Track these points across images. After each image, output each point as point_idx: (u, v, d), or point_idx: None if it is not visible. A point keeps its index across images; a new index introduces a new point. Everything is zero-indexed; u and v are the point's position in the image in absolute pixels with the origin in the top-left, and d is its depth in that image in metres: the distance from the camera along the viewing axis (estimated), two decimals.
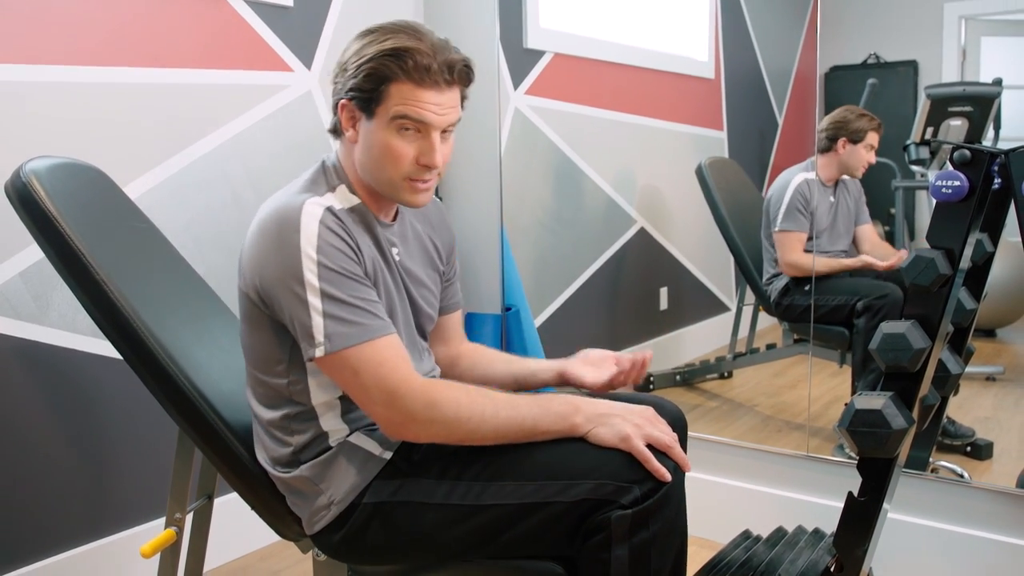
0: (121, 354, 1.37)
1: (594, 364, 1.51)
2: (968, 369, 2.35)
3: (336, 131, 1.34)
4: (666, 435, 1.25)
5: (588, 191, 2.87)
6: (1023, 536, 1.89)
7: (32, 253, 1.79)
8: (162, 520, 1.50)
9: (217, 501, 1.62)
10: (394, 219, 1.40)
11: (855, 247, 2.53)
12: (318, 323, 1.20)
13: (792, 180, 2.50)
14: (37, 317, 1.82)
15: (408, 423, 1.22)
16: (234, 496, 1.45)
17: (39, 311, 1.82)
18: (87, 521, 1.93)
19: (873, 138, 2.40)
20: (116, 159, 1.90)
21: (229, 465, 1.38)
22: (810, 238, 2.48)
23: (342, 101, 1.28)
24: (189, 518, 1.52)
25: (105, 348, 1.88)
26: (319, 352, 1.20)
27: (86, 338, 1.89)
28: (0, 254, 1.76)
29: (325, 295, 1.20)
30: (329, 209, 1.24)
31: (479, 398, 1.24)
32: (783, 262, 2.52)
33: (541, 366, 1.53)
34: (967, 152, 1.39)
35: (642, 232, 2.91)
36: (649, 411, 1.27)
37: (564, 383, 1.51)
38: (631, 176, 2.94)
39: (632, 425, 1.23)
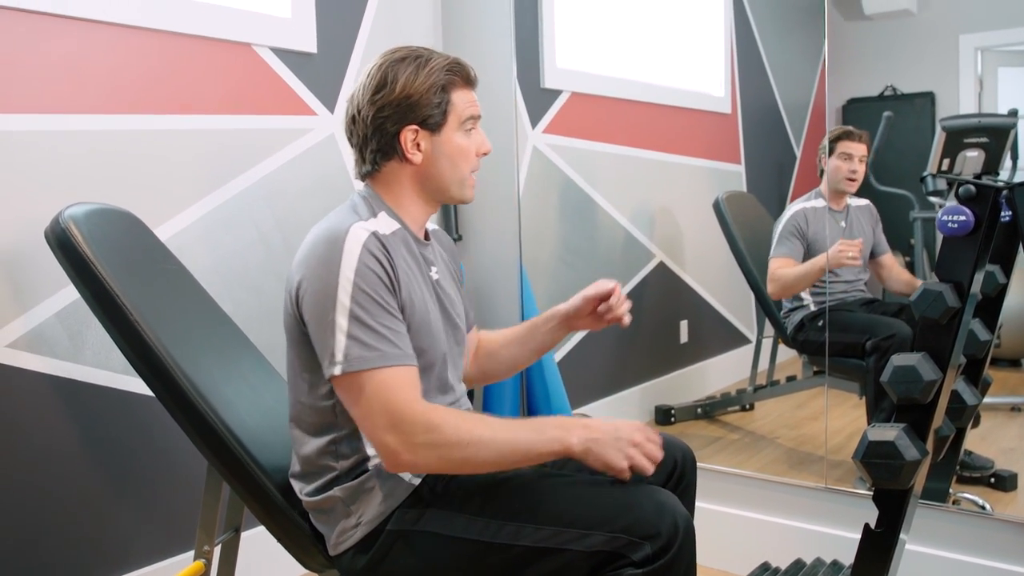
0: (152, 391, 1.42)
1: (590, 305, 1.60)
2: (993, 399, 2.35)
3: (378, 166, 1.39)
4: (652, 452, 1.29)
5: (607, 226, 2.91)
6: None
7: (68, 294, 1.85)
8: (191, 553, 1.54)
9: (244, 534, 1.66)
10: (427, 239, 1.47)
11: (877, 277, 2.52)
12: (340, 342, 1.24)
13: (790, 208, 2.52)
14: (72, 355, 1.88)
15: (407, 448, 1.24)
16: (261, 529, 1.48)
17: (74, 350, 1.88)
18: (119, 553, 1.97)
19: (846, 146, 2.39)
20: (148, 203, 1.97)
21: (256, 498, 1.42)
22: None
23: (407, 128, 1.36)
24: (217, 550, 1.56)
25: (137, 385, 1.94)
26: (336, 371, 1.24)
27: (119, 375, 1.95)
28: (38, 295, 1.83)
29: (353, 317, 1.24)
30: (374, 234, 1.30)
31: (477, 423, 1.26)
32: (769, 286, 2.54)
33: (537, 319, 1.63)
34: (972, 187, 1.42)
35: (661, 266, 2.94)
36: (637, 428, 1.29)
37: (573, 329, 1.63)
38: (649, 211, 2.98)
39: (619, 452, 1.26)
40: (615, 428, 1.27)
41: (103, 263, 1.40)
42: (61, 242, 1.41)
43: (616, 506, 1.25)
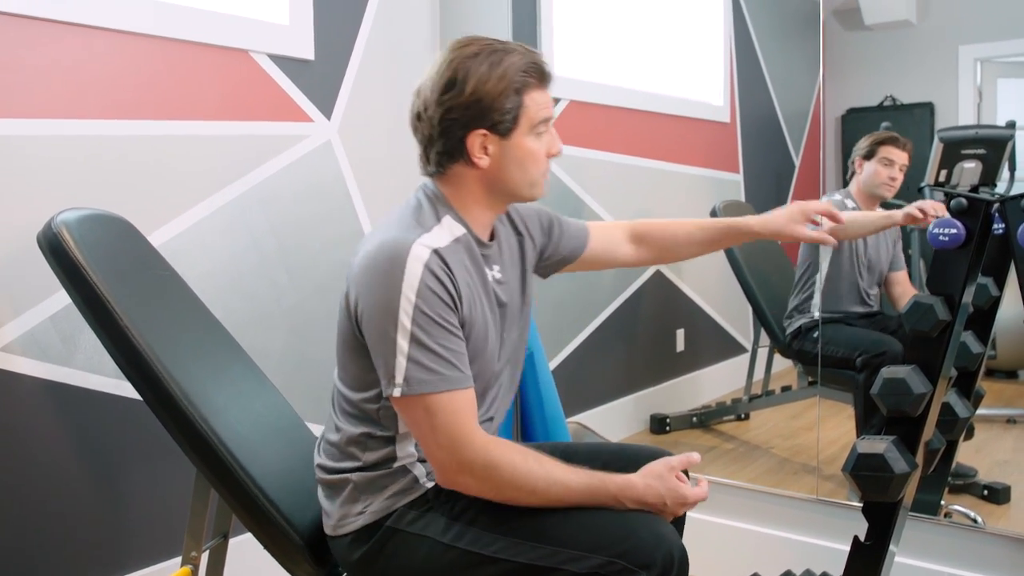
0: (142, 396, 1.42)
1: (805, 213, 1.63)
2: (988, 411, 2.34)
3: (443, 168, 1.35)
4: (692, 462, 1.35)
5: None
6: None
7: (61, 298, 1.85)
8: (179, 558, 1.54)
9: (232, 541, 1.66)
10: (491, 239, 1.43)
11: (889, 295, 2.50)
12: (400, 364, 1.23)
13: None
14: (65, 359, 1.89)
15: (463, 474, 1.26)
16: (248, 536, 1.48)
17: (67, 354, 1.89)
18: (108, 558, 1.97)
19: (889, 151, 2.36)
20: (141, 208, 1.97)
21: (243, 505, 1.42)
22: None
23: (476, 132, 1.30)
24: (205, 556, 1.56)
25: (128, 390, 1.93)
26: (396, 392, 1.24)
27: (111, 380, 1.95)
28: (32, 299, 1.83)
29: (414, 339, 1.23)
30: (436, 252, 1.27)
31: (536, 469, 1.27)
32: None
33: (751, 226, 1.66)
34: (963, 200, 1.42)
35: (658, 275, 2.94)
36: (684, 500, 1.31)
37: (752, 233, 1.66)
38: (647, 219, 2.98)
39: (672, 498, 1.30)
40: (663, 504, 1.29)
41: (94, 268, 1.40)
42: (53, 247, 1.41)
43: (615, 531, 1.25)
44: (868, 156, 2.39)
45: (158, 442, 1.98)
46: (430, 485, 1.35)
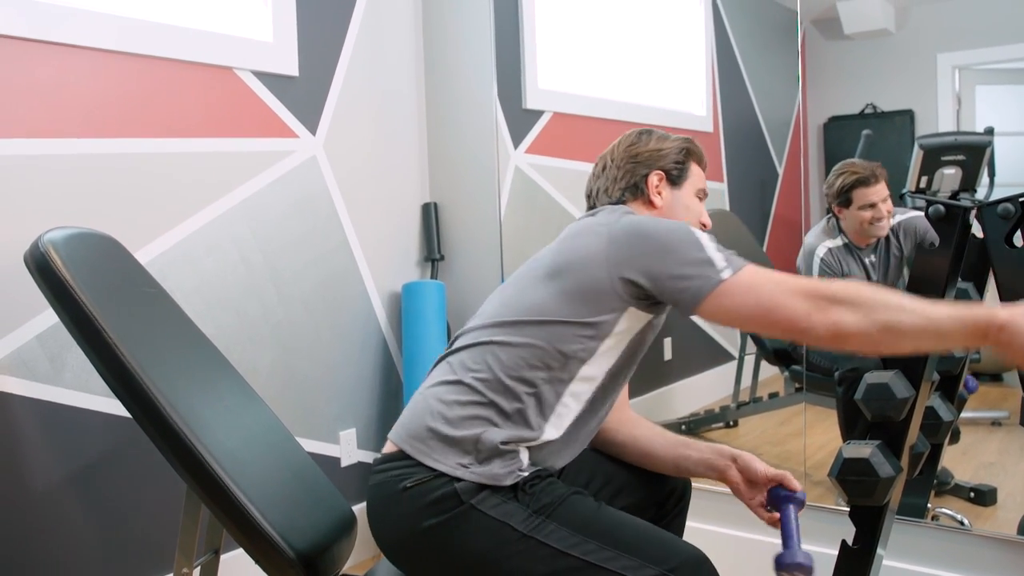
0: (131, 414, 1.42)
1: (749, 481, 1.56)
2: (973, 414, 2.36)
3: (624, 199, 1.57)
4: None
5: None
6: None
7: (48, 317, 1.85)
8: (170, 575, 1.54)
9: (224, 556, 1.66)
10: None
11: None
12: (719, 257, 1.33)
13: (816, 251, 2.37)
14: (52, 378, 1.88)
15: (834, 305, 1.24)
16: (240, 551, 1.48)
17: (54, 373, 1.89)
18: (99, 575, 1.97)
19: (864, 195, 2.25)
20: (128, 226, 1.98)
21: (234, 521, 1.42)
22: None
23: (655, 172, 1.57)
24: (196, 572, 1.56)
25: (117, 407, 1.94)
26: (726, 274, 1.30)
27: (99, 398, 1.95)
28: (18, 318, 1.83)
29: (717, 248, 1.35)
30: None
31: (900, 300, 1.23)
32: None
33: (698, 462, 1.58)
34: (941, 207, 1.44)
35: None
36: None
37: (720, 478, 1.58)
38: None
39: None
40: None
41: (82, 287, 1.41)
42: (40, 266, 1.42)
43: (669, 546, 1.32)
44: (845, 204, 2.28)
45: (148, 459, 1.98)
46: (526, 474, 1.36)
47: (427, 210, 2.77)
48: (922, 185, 1.63)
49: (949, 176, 1.63)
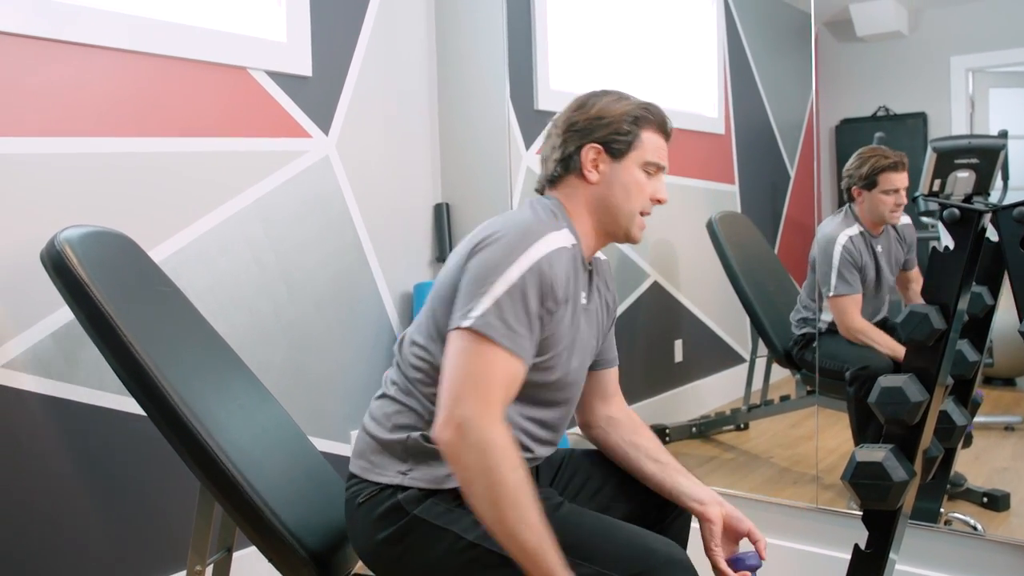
0: (146, 411, 1.43)
1: (728, 536, 1.49)
2: (986, 419, 2.35)
3: (558, 179, 1.44)
4: None
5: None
6: None
7: (63, 315, 1.86)
8: (183, 573, 1.55)
9: (236, 554, 1.67)
10: (590, 265, 1.48)
11: (902, 289, 2.41)
12: (486, 304, 1.25)
13: (837, 239, 2.37)
14: (67, 376, 1.89)
15: (456, 431, 1.21)
16: (252, 549, 1.49)
17: (69, 370, 1.90)
18: (112, 573, 1.97)
19: (890, 179, 2.28)
20: (143, 225, 1.99)
21: (247, 519, 1.42)
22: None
23: (589, 146, 1.41)
24: (209, 570, 1.56)
25: (131, 405, 1.95)
26: (467, 323, 1.24)
27: (113, 395, 1.96)
28: (34, 316, 1.84)
29: (509, 293, 1.25)
30: (565, 248, 1.33)
31: (510, 490, 1.20)
32: (843, 328, 2.38)
33: (689, 493, 1.49)
34: (956, 211, 1.44)
35: (656, 286, 2.95)
36: None
37: (699, 517, 1.49)
38: (643, 231, 2.99)
39: None
40: None
41: (97, 285, 1.41)
42: (56, 264, 1.43)
43: (633, 549, 1.27)
44: (869, 186, 2.31)
45: (161, 457, 1.99)
46: None
47: (439, 210, 2.77)
48: (935, 188, 1.62)
49: (962, 179, 1.62)
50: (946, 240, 1.51)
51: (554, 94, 2.75)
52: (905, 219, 2.39)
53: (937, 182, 1.65)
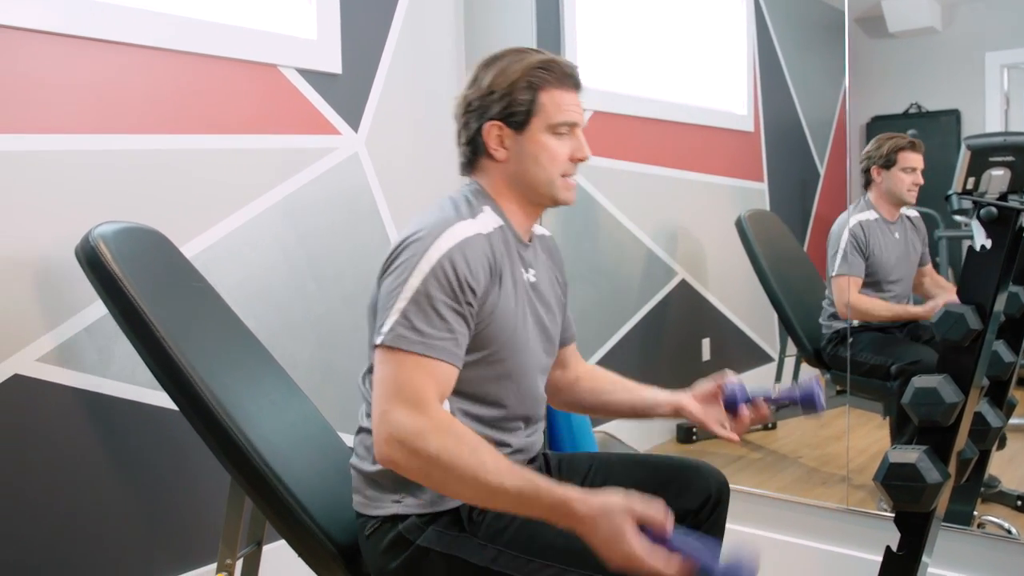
0: (177, 406, 1.44)
1: (706, 401, 1.52)
2: (1020, 420, 2.31)
3: (471, 163, 1.41)
4: (656, 520, 1.11)
5: (628, 245, 2.91)
6: None
7: (96, 309, 1.89)
8: (213, 565, 1.56)
9: (266, 548, 1.68)
10: (529, 241, 1.45)
11: (919, 286, 2.47)
12: (392, 318, 1.23)
13: (847, 223, 2.46)
14: (100, 370, 1.92)
15: (388, 444, 1.19)
16: (282, 543, 1.50)
17: (102, 364, 1.92)
18: (143, 565, 2.00)
19: (908, 158, 2.37)
20: (175, 221, 2.01)
21: (277, 513, 1.43)
22: (872, 282, 2.44)
23: (489, 124, 1.35)
24: (239, 564, 1.58)
25: (162, 399, 1.96)
26: (378, 340, 1.24)
27: (145, 390, 1.98)
28: (68, 310, 1.86)
29: (414, 301, 1.23)
30: (477, 234, 1.30)
31: (468, 459, 1.17)
32: (838, 304, 2.48)
33: (659, 399, 1.53)
34: (994, 209, 1.41)
35: (683, 284, 2.94)
36: (633, 503, 1.12)
37: (680, 418, 1.53)
38: (671, 229, 2.98)
39: (613, 553, 1.11)
40: (600, 544, 1.11)
41: (131, 281, 1.43)
42: (90, 260, 1.44)
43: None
44: (887, 165, 2.39)
45: (192, 451, 2.01)
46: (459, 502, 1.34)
47: None
48: (968, 186, 1.60)
49: (997, 177, 1.60)
50: (979, 239, 1.49)
51: (583, 91, 2.74)
52: (914, 212, 2.41)
53: (971, 180, 1.62)
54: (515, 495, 1.16)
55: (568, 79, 1.36)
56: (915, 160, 2.36)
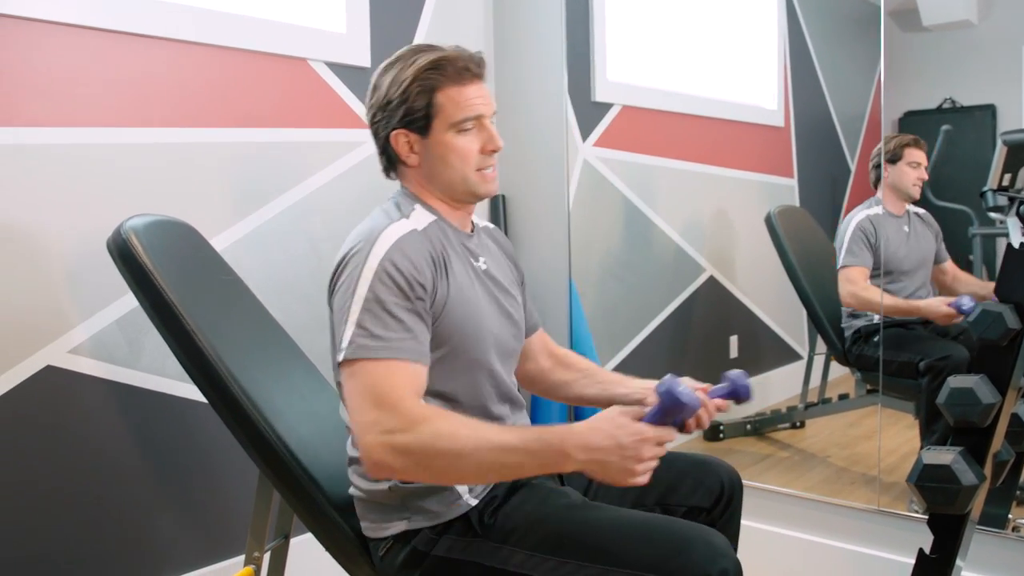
0: (207, 398, 1.45)
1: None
2: None
3: (390, 168, 1.43)
4: (657, 453, 1.18)
5: (656, 240, 2.89)
6: None
7: (127, 302, 1.90)
8: (241, 557, 1.57)
9: (293, 540, 1.69)
10: (472, 231, 1.46)
11: (941, 284, 2.46)
12: (349, 332, 1.23)
13: (854, 218, 2.49)
14: (130, 362, 1.93)
15: (376, 453, 1.19)
16: (309, 536, 1.50)
17: (132, 356, 1.93)
18: (172, 556, 2.02)
19: (912, 154, 2.39)
20: (205, 214, 2.02)
21: (305, 506, 1.44)
22: (878, 274, 2.43)
23: (394, 133, 1.36)
24: (267, 557, 1.59)
25: (192, 392, 1.98)
26: (340, 356, 1.24)
27: (174, 382, 1.99)
28: (99, 302, 1.88)
29: (366, 308, 1.23)
30: (410, 232, 1.30)
31: (464, 431, 1.19)
32: (843, 295, 2.50)
33: (630, 389, 1.51)
34: None
35: (711, 280, 2.92)
36: (641, 441, 1.16)
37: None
38: (700, 225, 2.96)
39: (624, 472, 1.16)
40: (619, 446, 1.15)
41: (162, 273, 1.44)
42: (122, 252, 1.45)
43: (667, 546, 1.21)
44: (894, 160, 2.41)
45: (221, 443, 2.02)
46: (473, 503, 1.34)
47: (495, 202, 2.77)
48: (1004, 183, 1.57)
49: None
50: (1017, 236, 1.46)
51: (611, 85, 2.73)
52: (920, 209, 2.45)
53: (1007, 177, 1.60)
54: (522, 448, 1.17)
55: (465, 72, 1.33)
56: (919, 156, 2.40)
